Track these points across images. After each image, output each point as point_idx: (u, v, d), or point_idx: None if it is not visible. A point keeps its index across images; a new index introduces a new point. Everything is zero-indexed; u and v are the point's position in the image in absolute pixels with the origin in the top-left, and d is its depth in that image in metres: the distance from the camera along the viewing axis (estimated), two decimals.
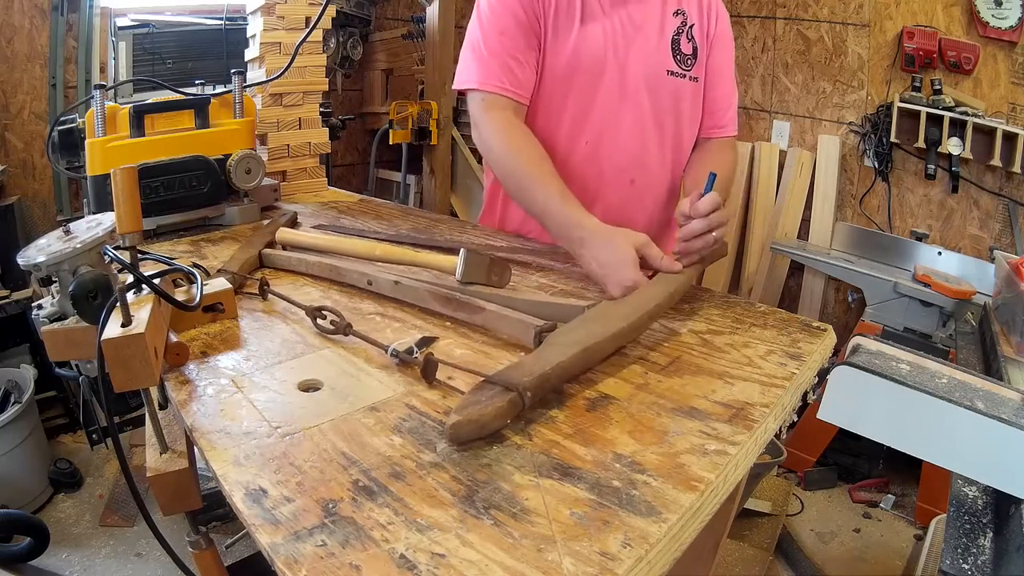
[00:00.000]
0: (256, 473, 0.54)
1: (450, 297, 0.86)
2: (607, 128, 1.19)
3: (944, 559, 0.78)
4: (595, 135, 1.20)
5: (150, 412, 0.73)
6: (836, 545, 2.15)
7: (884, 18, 2.55)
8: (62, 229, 0.91)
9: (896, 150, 2.59)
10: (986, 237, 2.50)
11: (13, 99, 2.46)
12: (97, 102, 1.21)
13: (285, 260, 1.07)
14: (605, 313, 0.78)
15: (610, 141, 1.20)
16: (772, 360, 0.78)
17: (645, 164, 1.23)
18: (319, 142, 1.73)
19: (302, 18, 1.63)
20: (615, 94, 1.18)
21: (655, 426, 0.62)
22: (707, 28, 1.23)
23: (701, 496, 0.52)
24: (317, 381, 0.70)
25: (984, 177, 2.45)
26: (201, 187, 1.28)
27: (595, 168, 1.21)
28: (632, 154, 1.22)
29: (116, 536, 2.04)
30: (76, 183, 2.54)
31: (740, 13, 2.90)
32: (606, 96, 1.18)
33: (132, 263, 0.74)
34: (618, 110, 1.19)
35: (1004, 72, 2.37)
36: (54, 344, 0.83)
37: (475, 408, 0.56)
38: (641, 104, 1.19)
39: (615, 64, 1.16)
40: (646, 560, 0.45)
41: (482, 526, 0.48)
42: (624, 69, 1.17)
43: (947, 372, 0.83)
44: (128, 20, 2.65)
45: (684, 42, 1.20)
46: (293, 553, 0.45)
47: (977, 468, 0.77)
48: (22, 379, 2.22)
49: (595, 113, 1.19)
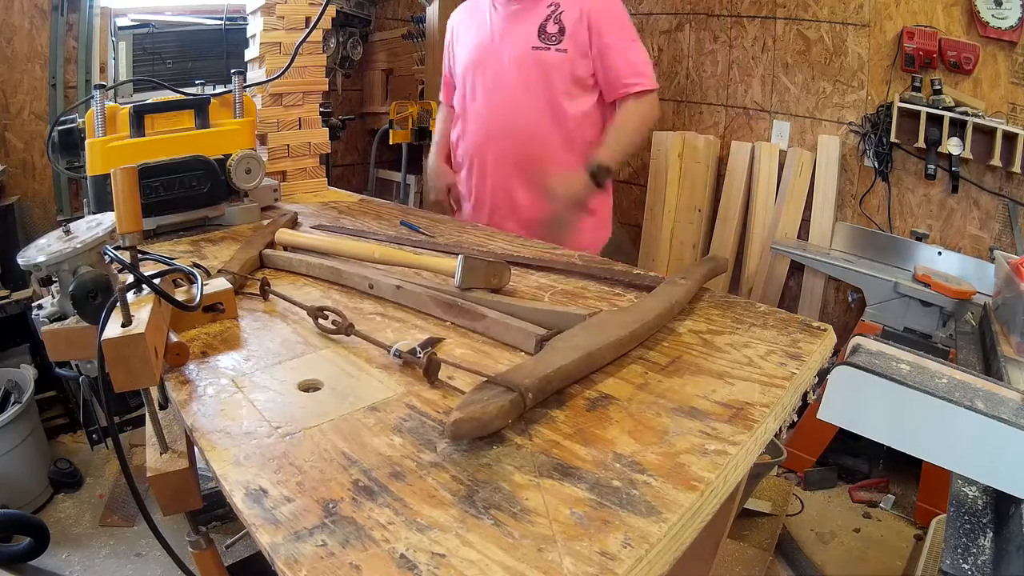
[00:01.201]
0: (256, 473, 0.54)
1: (451, 303, 0.87)
2: (491, 97, 1.64)
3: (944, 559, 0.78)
4: (484, 103, 1.66)
5: (150, 412, 0.73)
6: (836, 545, 2.15)
7: (884, 18, 2.55)
8: (62, 229, 0.91)
9: (896, 150, 2.59)
10: (986, 237, 2.50)
11: (13, 99, 2.46)
12: (97, 102, 1.21)
13: (286, 261, 1.07)
14: (606, 321, 0.78)
15: (495, 106, 1.64)
16: (772, 360, 0.77)
17: (522, 123, 1.61)
18: (319, 142, 1.73)
19: (302, 18, 1.63)
20: (493, 73, 1.62)
21: (655, 426, 0.62)
22: (580, 13, 1.53)
23: (701, 496, 0.52)
24: (317, 381, 0.70)
25: (984, 177, 2.45)
26: (201, 187, 1.28)
27: (487, 127, 1.66)
28: (509, 113, 1.62)
29: (116, 536, 2.04)
30: (76, 183, 2.54)
31: (740, 13, 2.90)
32: (490, 75, 1.62)
33: (132, 263, 0.74)
34: (497, 84, 1.62)
35: (1004, 72, 2.37)
36: (54, 344, 0.83)
37: (476, 407, 0.57)
38: (512, 77, 1.59)
39: (493, 50, 1.61)
40: (646, 560, 0.45)
41: (482, 526, 0.48)
42: (500, 52, 1.60)
43: (947, 372, 0.83)
44: (128, 20, 2.65)
45: (551, 25, 1.55)
46: (293, 553, 0.45)
47: (977, 468, 0.77)
48: (22, 379, 2.22)
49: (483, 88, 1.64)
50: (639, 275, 1.06)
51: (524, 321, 0.80)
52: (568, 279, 1.06)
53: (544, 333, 0.76)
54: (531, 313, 0.83)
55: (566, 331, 0.75)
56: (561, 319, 0.80)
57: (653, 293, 0.92)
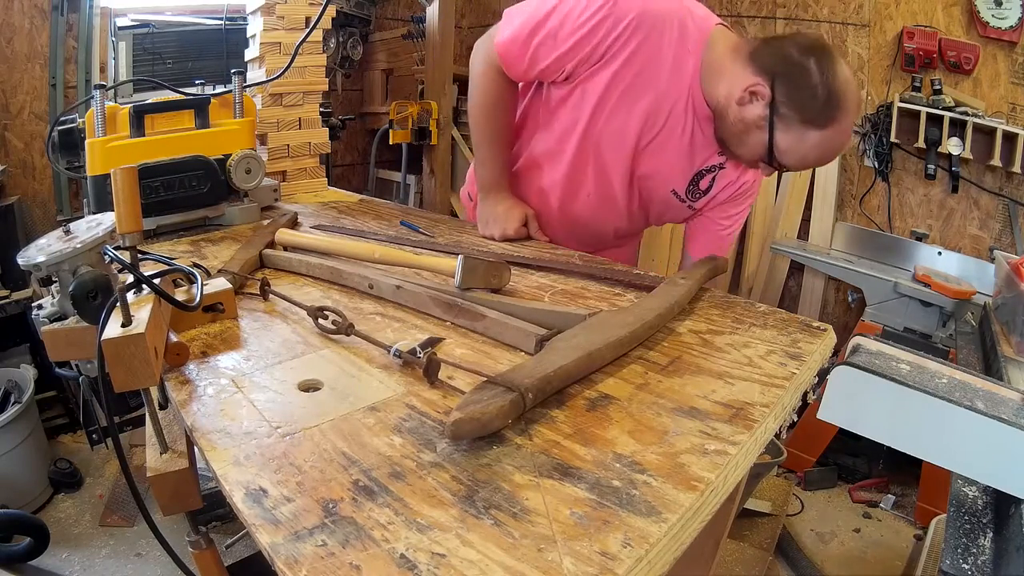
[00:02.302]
0: (256, 473, 0.54)
1: (451, 303, 0.87)
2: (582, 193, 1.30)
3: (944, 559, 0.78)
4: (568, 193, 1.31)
5: (150, 412, 0.73)
6: (836, 545, 2.15)
7: (884, 18, 2.56)
8: (62, 229, 0.91)
9: (896, 150, 2.59)
10: (986, 237, 2.50)
11: (13, 99, 2.46)
12: (97, 102, 1.21)
13: (286, 261, 1.07)
14: (606, 321, 0.78)
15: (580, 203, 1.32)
16: (772, 360, 0.77)
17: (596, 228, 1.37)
18: (319, 142, 1.73)
19: (302, 18, 1.63)
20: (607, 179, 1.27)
21: (655, 426, 0.62)
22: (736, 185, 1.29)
23: (701, 496, 0.52)
24: (317, 381, 0.70)
25: (984, 177, 2.45)
26: (201, 187, 1.28)
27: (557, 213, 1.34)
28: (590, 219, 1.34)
29: (116, 536, 2.04)
30: (76, 183, 2.54)
31: (740, 13, 2.90)
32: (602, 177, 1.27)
33: (132, 263, 0.74)
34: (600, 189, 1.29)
35: (1004, 72, 2.37)
36: (54, 344, 0.83)
37: (476, 407, 0.56)
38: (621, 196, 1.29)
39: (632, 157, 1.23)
40: (646, 560, 0.45)
41: (482, 526, 0.48)
42: (634, 165, 1.24)
43: (947, 372, 0.83)
44: (128, 20, 2.65)
45: (706, 181, 1.26)
46: (293, 553, 0.45)
47: (977, 468, 0.77)
48: (22, 379, 2.22)
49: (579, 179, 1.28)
50: (639, 275, 1.06)
51: (524, 321, 0.80)
52: (568, 279, 1.06)
53: (544, 333, 0.76)
54: (531, 313, 0.83)
55: (566, 331, 0.75)
56: (561, 319, 0.80)
57: (653, 293, 0.92)
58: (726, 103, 1.09)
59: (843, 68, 1.02)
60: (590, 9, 1.09)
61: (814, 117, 1.01)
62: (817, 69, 1.00)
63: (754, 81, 1.04)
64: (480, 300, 0.87)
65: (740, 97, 1.06)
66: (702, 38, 1.11)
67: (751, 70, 1.05)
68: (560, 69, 1.16)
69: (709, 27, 1.13)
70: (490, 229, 1.30)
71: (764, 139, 1.06)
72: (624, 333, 0.75)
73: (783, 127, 1.04)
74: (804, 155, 1.07)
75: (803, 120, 1.02)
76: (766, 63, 1.04)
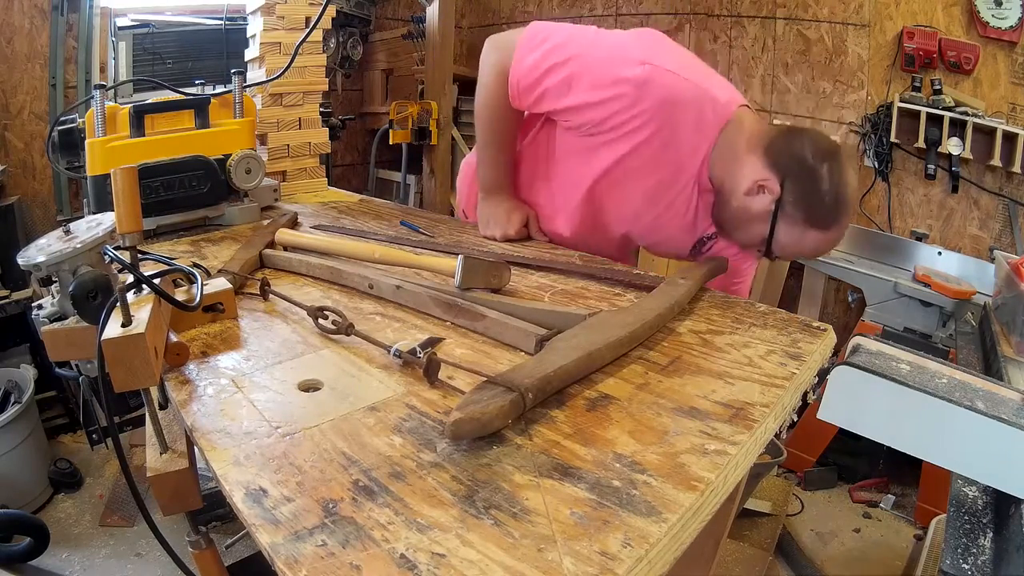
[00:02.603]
0: (256, 473, 0.54)
1: (451, 303, 0.87)
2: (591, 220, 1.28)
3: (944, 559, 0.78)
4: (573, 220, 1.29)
5: (150, 412, 0.73)
6: (836, 545, 2.15)
7: (884, 18, 2.55)
8: (62, 229, 0.91)
9: (896, 150, 2.59)
10: (986, 237, 2.50)
11: (13, 99, 2.46)
12: (97, 102, 1.21)
13: (286, 261, 1.07)
14: (606, 321, 0.78)
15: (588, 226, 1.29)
16: (772, 360, 0.77)
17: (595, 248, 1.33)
18: (319, 142, 1.73)
19: (302, 18, 1.63)
20: (609, 228, 1.29)
21: (655, 426, 0.62)
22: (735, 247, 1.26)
23: (701, 496, 0.52)
24: (317, 381, 0.70)
25: (984, 177, 2.45)
26: (201, 187, 1.28)
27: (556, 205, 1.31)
28: (589, 241, 1.31)
29: (116, 536, 2.04)
30: (76, 183, 2.55)
31: (740, 13, 2.90)
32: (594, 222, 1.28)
33: (132, 263, 0.74)
34: (600, 233, 1.30)
35: (1004, 72, 2.37)
36: (54, 344, 0.83)
37: (476, 407, 0.56)
38: (624, 244, 1.35)
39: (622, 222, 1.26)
40: (646, 560, 0.45)
41: (482, 526, 0.48)
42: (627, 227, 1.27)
43: (947, 372, 0.83)
44: (128, 20, 2.65)
45: (708, 245, 1.27)
46: (293, 553, 0.45)
47: (977, 468, 0.77)
48: (22, 379, 2.22)
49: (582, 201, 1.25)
50: (639, 275, 1.06)
51: (524, 321, 0.80)
52: (568, 279, 1.06)
53: (544, 333, 0.76)
54: (531, 313, 0.83)
55: (566, 331, 0.75)
56: (561, 319, 0.80)
57: (653, 293, 0.92)
58: (731, 188, 1.07)
59: (851, 175, 1.03)
60: (610, 76, 1.05)
61: (818, 220, 1.02)
62: (828, 176, 1.00)
63: (766, 176, 1.03)
64: (480, 300, 0.87)
65: (749, 188, 1.04)
66: (720, 123, 1.08)
67: (764, 163, 1.03)
68: (565, 119, 1.15)
69: (729, 112, 1.09)
70: (491, 229, 1.31)
71: (765, 231, 1.05)
72: (624, 333, 0.75)
73: (786, 224, 1.03)
74: (800, 251, 1.08)
75: (807, 220, 1.02)
76: (780, 160, 1.03)
